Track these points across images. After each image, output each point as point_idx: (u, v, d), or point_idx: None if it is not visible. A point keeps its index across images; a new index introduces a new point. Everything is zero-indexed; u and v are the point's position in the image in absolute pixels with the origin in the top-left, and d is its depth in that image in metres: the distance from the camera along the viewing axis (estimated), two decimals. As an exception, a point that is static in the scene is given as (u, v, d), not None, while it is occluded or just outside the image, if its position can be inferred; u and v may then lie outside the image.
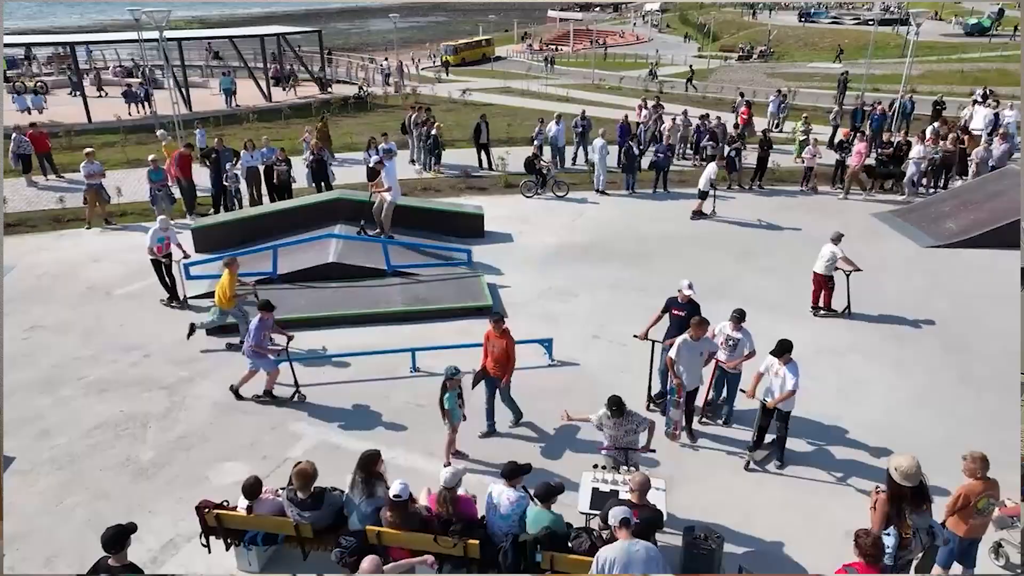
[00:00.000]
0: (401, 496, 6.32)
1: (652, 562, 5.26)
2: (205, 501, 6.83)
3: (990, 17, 59.36)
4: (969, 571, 6.50)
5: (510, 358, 8.77)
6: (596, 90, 41.00)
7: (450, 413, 8.29)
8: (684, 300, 9.23)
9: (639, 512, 6.08)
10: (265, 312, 9.43)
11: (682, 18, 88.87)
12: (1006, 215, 14.85)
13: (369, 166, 17.73)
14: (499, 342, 8.72)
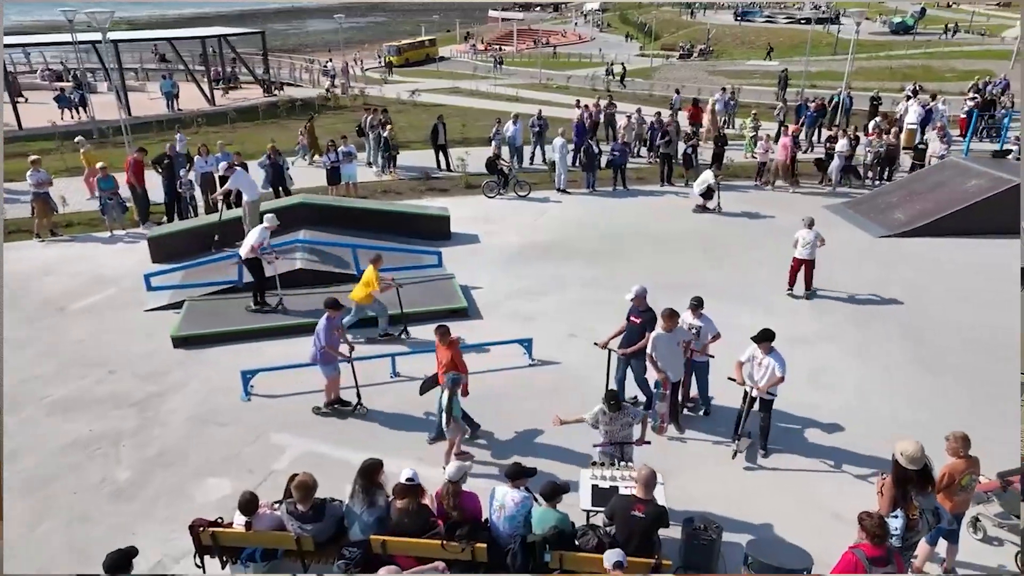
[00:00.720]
0: (412, 479, 6.28)
1: None
2: (199, 519, 6.61)
3: (913, 16, 62.09)
4: (954, 546, 6.79)
5: (457, 368, 8.55)
6: (544, 89, 41.27)
7: (456, 420, 8.23)
8: (642, 307, 8.97)
9: (644, 507, 6.17)
10: (332, 311, 9.18)
11: (622, 17, 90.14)
12: (950, 204, 15.58)
13: (327, 168, 17.48)
14: (445, 353, 8.67)
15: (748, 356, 8.46)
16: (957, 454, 6.56)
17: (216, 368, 10.66)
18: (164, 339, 11.40)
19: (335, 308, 9.23)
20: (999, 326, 11.52)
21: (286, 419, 9.45)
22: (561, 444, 8.82)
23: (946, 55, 51.18)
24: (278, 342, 11.36)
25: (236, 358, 10.91)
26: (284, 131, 27.32)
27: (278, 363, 10.32)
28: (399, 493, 6.41)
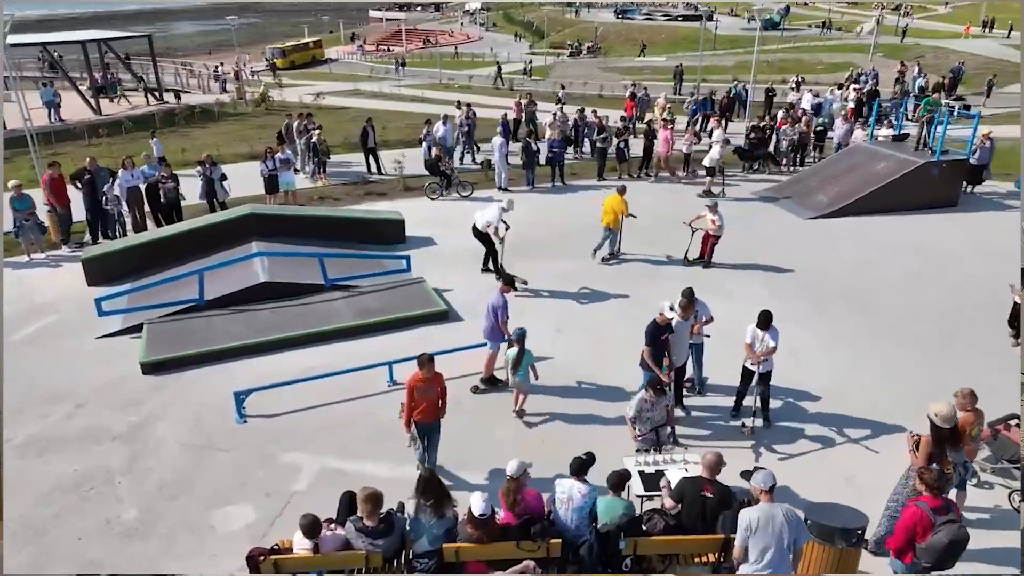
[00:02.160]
0: (485, 514, 6.23)
1: (793, 523, 5.70)
2: (257, 549, 6.29)
3: (779, 13, 66.49)
4: (962, 492, 7.49)
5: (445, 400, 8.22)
6: (446, 89, 41.19)
7: (523, 377, 9.14)
8: (664, 323, 8.84)
9: (711, 488, 6.45)
10: (506, 287, 9.81)
11: (506, 16, 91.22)
12: (865, 186, 16.99)
13: (264, 176, 16.78)
14: (433, 386, 8.05)
15: (751, 337, 8.96)
16: (965, 408, 7.24)
17: (196, 392, 10.07)
18: (129, 365, 10.63)
19: (510, 285, 9.90)
20: (936, 297, 12.72)
21: (290, 438, 9.08)
22: (579, 436, 8.96)
23: (812, 49, 55.19)
24: (254, 360, 10.85)
25: (215, 379, 10.36)
26: (185, 139, 25.90)
27: (262, 380, 9.92)
28: (472, 525, 6.32)
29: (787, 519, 5.66)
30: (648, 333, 8.74)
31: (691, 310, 8.99)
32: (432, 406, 8.03)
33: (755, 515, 5.69)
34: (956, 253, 14.71)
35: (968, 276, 13.50)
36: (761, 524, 5.63)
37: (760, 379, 9.06)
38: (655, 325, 8.77)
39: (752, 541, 5.69)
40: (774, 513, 5.67)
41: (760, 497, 5.82)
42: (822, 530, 6.32)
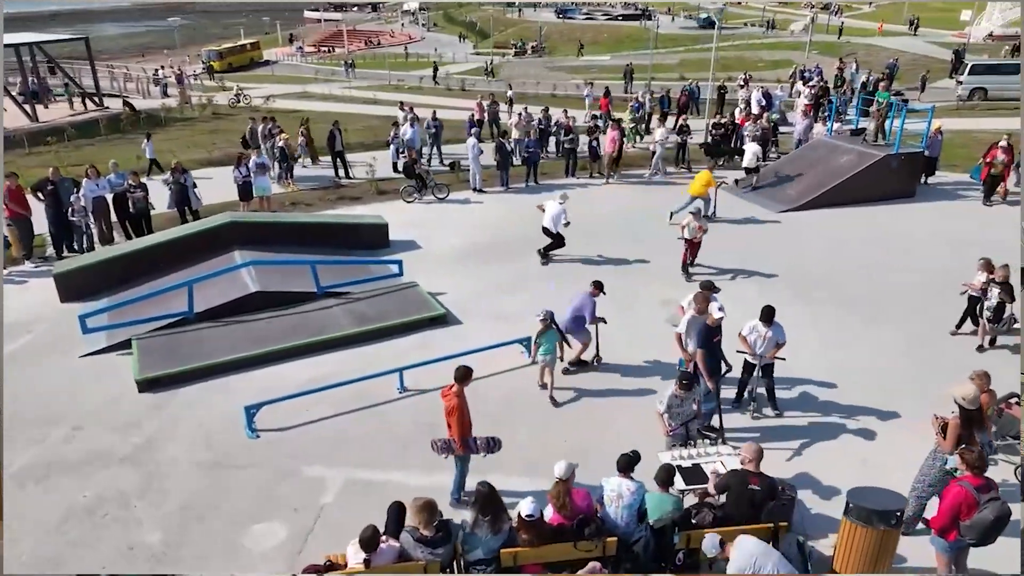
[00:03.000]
0: (533, 515, 6.24)
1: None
2: (312, 566, 6.17)
3: (716, 11, 68.19)
4: None
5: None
6: (396, 90, 40.83)
7: (547, 355, 9.70)
8: (714, 324, 8.88)
9: (759, 480, 6.62)
10: (596, 289, 10.28)
11: (447, 16, 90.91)
12: (830, 179, 17.64)
13: (238, 183, 16.31)
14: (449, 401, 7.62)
15: (750, 329, 9.20)
16: (983, 388, 7.61)
17: (200, 408, 9.74)
18: (122, 384, 10.21)
19: (600, 288, 10.37)
20: (916, 283, 13.25)
21: (308, 451, 8.87)
22: (599, 435, 9.05)
23: (751, 47, 56.84)
24: (255, 373, 10.57)
25: (216, 395, 10.05)
26: (134, 146, 24.90)
27: (265, 393, 9.67)
28: (523, 528, 6.32)
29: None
30: (699, 336, 8.78)
31: (705, 306, 9.15)
32: (470, 419, 7.74)
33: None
34: (925, 240, 15.38)
35: (942, 262, 14.05)
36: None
37: (763, 371, 9.32)
38: (706, 328, 8.79)
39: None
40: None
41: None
42: (862, 513, 6.54)
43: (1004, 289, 10.64)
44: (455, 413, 7.46)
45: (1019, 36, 50.92)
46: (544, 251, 14.45)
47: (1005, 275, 10.71)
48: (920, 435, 8.65)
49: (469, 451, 7.69)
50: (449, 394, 7.53)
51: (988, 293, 10.81)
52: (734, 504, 6.62)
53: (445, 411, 7.58)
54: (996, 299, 10.69)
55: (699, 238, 13.42)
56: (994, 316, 10.80)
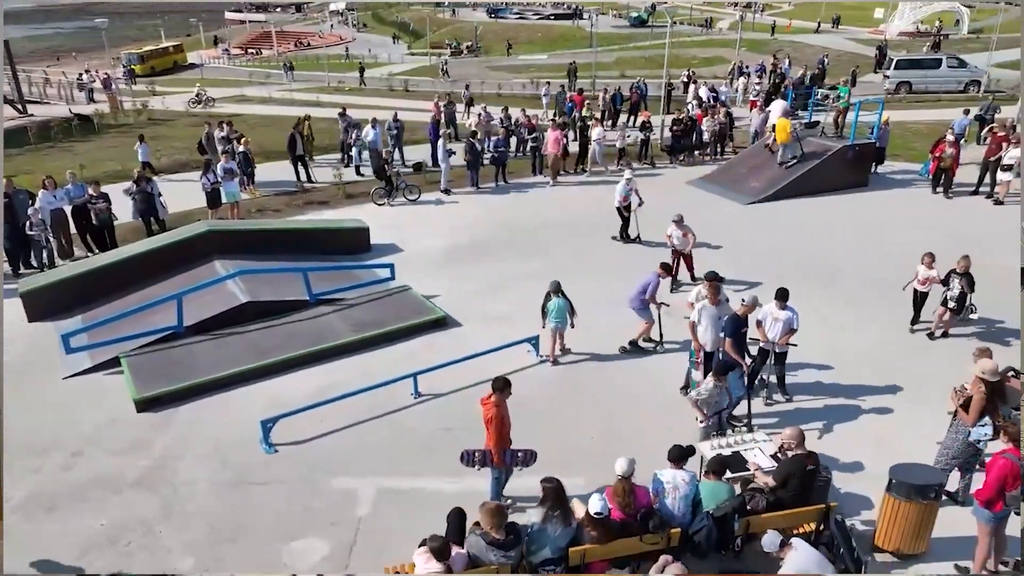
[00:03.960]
0: (603, 513, 6.26)
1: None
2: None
3: (647, 11, 69.71)
4: None
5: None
6: (336, 92, 40.04)
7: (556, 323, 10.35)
8: (744, 315, 9.13)
9: (811, 460, 6.84)
10: (664, 272, 10.84)
11: (375, 16, 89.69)
12: (788, 173, 18.26)
13: (207, 190, 15.69)
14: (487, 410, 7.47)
15: (763, 315, 9.46)
16: (982, 354, 8.04)
17: (207, 425, 9.34)
18: (116, 404, 9.70)
19: (667, 270, 11.08)
20: (890, 266, 13.70)
21: (331, 463, 8.62)
22: (621, 431, 9.10)
23: (683, 45, 58.21)
24: (257, 385, 10.21)
25: (220, 410, 9.67)
26: (72, 155, 23.63)
27: (272, 405, 9.42)
28: (592, 525, 6.33)
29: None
30: (729, 323, 8.97)
31: (716, 298, 9.32)
32: (509, 429, 7.61)
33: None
34: (889, 225, 16.11)
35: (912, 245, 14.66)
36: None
37: (776, 358, 9.60)
38: (736, 318, 9.02)
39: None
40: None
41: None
42: (904, 488, 6.82)
43: (965, 279, 10.78)
44: (494, 421, 7.34)
45: (929, 33, 54.15)
46: (621, 234, 15.19)
47: (966, 266, 10.83)
48: (927, 411, 9.19)
49: (506, 464, 7.60)
50: (488, 403, 7.41)
51: (950, 283, 10.91)
52: (799, 489, 6.79)
53: (484, 419, 7.47)
54: (958, 289, 10.80)
55: (688, 249, 13.01)
56: (957, 307, 10.91)
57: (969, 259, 11.00)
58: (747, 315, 9.06)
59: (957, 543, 7.17)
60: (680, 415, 9.44)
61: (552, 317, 10.33)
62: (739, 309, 9.26)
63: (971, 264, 10.97)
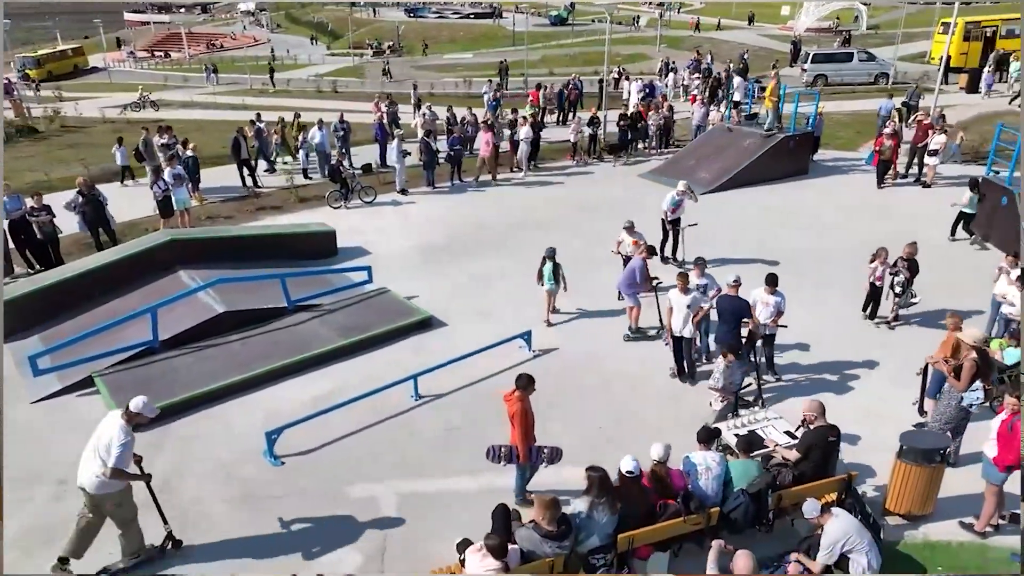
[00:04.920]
0: (634, 472, 6.48)
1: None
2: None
3: (567, 9, 70.69)
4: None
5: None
6: (261, 94, 38.87)
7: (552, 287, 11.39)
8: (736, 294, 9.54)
9: (832, 431, 7.17)
10: (649, 254, 11.14)
11: (289, 17, 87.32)
12: (739, 161, 18.97)
13: (158, 199, 14.96)
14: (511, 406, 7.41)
15: (754, 300, 9.84)
16: (956, 327, 8.63)
17: (203, 442, 8.95)
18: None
19: (653, 252, 11.33)
20: (844, 246, 14.52)
21: (342, 471, 8.42)
22: (627, 419, 9.29)
23: (604, 42, 59.29)
24: (249, 397, 9.86)
25: (216, 425, 9.30)
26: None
27: (268, 417, 9.18)
28: (626, 484, 6.48)
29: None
30: (737, 306, 9.45)
31: (684, 285, 9.71)
32: (533, 425, 7.61)
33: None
34: (840, 209, 16.97)
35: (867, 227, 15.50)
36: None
37: (765, 340, 10.00)
38: (721, 297, 9.58)
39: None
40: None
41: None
42: (915, 453, 7.25)
43: (910, 265, 11.11)
44: (518, 416, 7.33)
45: (830, 29, 57.22)
46: (660, 252, 13.85)
47: (911, 252, 11.14)
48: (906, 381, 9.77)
49: (531, 461, 7.62)
50: (512, 398, 7.40)
51: (896, 268, 11.20)
52: (821, 460, 7.09)
53: (508, 415, 7.46)
54: (903, 275, 11.14)
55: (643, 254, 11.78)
56: (901, 291, 11.26)
57: (916, 246, 11.32)
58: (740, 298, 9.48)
59: (954, 502, 7.67)
60: (683, 399, 9.77)
61: (546, 280, 11.42)
62: (727, 290, 9.61)
63: (916, 251, 11.27)
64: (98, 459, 6.56)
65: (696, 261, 10.54)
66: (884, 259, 11.26)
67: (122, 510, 6.79)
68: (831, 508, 6.50)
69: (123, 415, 6.70)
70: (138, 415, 6.76)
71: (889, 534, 7.34)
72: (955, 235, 15.07)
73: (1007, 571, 6.99)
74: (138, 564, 6.99)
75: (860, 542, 6.40)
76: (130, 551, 6.96)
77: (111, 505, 6.71)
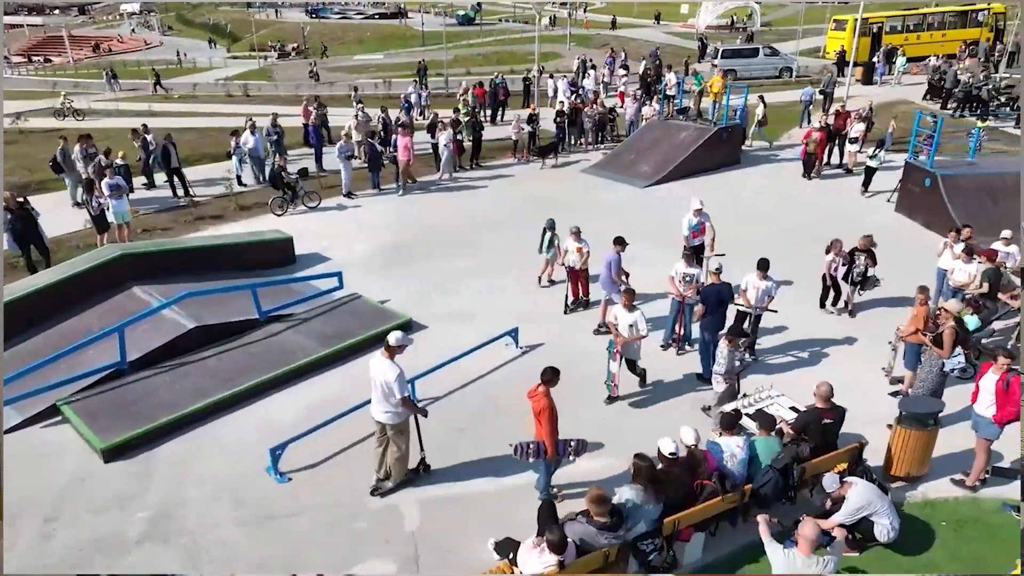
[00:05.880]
0: (676, 453, 6.67)
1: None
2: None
3: (474, 8, 70.74)
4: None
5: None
6: (166, 100, 36.90)
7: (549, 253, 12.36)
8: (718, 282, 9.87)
9: (831, 414, 7.56)
10: (619, 247, 11.07)
11: (180, 18, 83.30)
12: (677, 154, 19.59)
13: (93, 215, 13.97)
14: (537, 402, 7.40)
15: (745, 284, 10.24)
16: (923, 302, 9.27)
17: (197, 464, 8.47)
18: (74, 458, 8.53)
19: (622, 244, 11.13)
20: (791, 230, 15.24)
21: (356, 481, 8.15)
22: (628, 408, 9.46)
23: (518, 41, 59.78)
24: (235, 414, 9.40)
25: (207, 445, 8.84)
26: None
27: (262, 433, 8.80)
28: (669, 467, 6.63)
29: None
30: (725, 292, 9.83)
31: (631, 299, 9.58)
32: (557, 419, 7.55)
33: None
34: (772, 197, 17.81)
35: (801, 214, 16.30)
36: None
37: (753, 322, 10.42)
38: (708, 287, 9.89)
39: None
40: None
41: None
42: (913, 418, 7.75)
43: (868, 256, 11.51)
44: (545, 412, 7.33)
45: (726, 26, 59.93)
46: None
47: (866, 243, 11.55)
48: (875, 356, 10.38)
49: (559, 455, 7.64)
50: (537, 395, 7.39)
51: (855, 260, 11.55)
52: (820, 438, 7.46)
53: (534, 411, 7.44)
54: (863, 265, 11.50)
55: (583, 264, 11.84)
56: (862, 281, 11.62)
57: (871, 238, 11.79)
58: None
59: (941, 461, 8.24)
60: (676, 384, 10.01)
61: (544, 249, 12.56)
62: (710, 278, 9.96)
63: (872, 243, 11.69)
64: (385, 398, 7.58)
65: (684, 252, 10.77)
66: (839, 250, 11.63)
67: (402, 437, 7.79)
68: (848, 478, 6.87)
69: (384, 353, 7.64)
70: (399, 348, 7.70)
71: (893, 496, 7.80)
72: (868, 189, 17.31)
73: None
74: (401, 484, 7.95)
75: (882, 505, 6.80)
76: (399, 473, 7.90)
77: (396, 432, 7.71)
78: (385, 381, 7.49)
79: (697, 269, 10.75)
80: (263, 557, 7.08)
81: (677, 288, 10.59)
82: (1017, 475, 8.03)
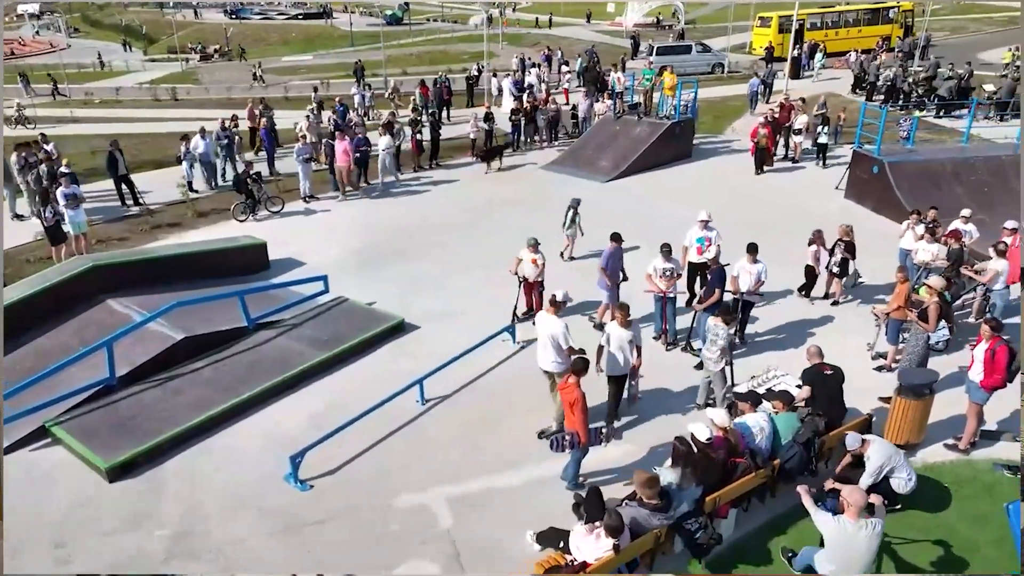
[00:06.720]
0: (712, 439, 6.90)
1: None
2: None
3: (401, 8, 70.08)
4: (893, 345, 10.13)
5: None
6: (86, 105, 35.08)
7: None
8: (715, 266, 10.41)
9: (827, 366, 8.10)
10: (615, 243, 10.92)
11: (86, 19, 79.29)
12: (635, 148, 20.00)
13: (47, 225, 13.22)
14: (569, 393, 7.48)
15: (737, 270, 10.60)
16: (902, 281, 9.85)
17: (210, 478, 8.20)
18: (74, 480, 8.13)
19: (619, 240, 11.00)
20: (758, 218, 15.61)
21: (379, 484, 8.08)
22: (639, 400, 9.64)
23: (448, 40, 59.60)
24: (242, 424, 9.14)
25: (217, 458, 8.58)
26: None
27: (271, 441, 8.69)
28: (704, 450, 6.86)
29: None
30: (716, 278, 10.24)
31: (626, 315, 9.03)
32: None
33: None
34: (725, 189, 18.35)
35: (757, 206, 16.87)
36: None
37: (744, 306, 10.76)
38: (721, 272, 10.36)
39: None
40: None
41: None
42: (912, 388, 8.22)
43: (847, 247, 11.69)
44: (578, 403, 7.41)
45: (651, 24, 61.47)
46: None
47: (845, 232, 11.78)
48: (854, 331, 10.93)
49: (591, 443, 7.73)
50: (569, 386, 7.47)
51: (834, 250, 11.76)
52: (819, 394, 7.87)
53: (567, 403, 7.52)
54: (841, 255, 11.72)
55: (537, 276, 11.38)
56: (840, 271, 11.83)
57: (851, 228, 11.98)
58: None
59: (932, 428, 8.76)
60: (676, 371, 10.26)
61: (567, 227, 13.66)
62: (712, 265, 10.39)
63: (851, 232, 11.97)
64: (554, 349, 8.42)
65: (663, 248, 10.85)
66: (822, 241, 11.90)
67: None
68: (867, 437, 7.25)
69: (550, 309, 8.54)
70: (563, 303, 8.65)
71: (895, 463, 8.28)
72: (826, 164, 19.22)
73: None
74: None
75: (899, 460, 7.19)
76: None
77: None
78: (552, 334, 8.37)
79: (675, 263, 10.88)
80: (300, 566, 6.91)
81: (656, 284, 10.64)
82: (1001, 436, 8.65)
